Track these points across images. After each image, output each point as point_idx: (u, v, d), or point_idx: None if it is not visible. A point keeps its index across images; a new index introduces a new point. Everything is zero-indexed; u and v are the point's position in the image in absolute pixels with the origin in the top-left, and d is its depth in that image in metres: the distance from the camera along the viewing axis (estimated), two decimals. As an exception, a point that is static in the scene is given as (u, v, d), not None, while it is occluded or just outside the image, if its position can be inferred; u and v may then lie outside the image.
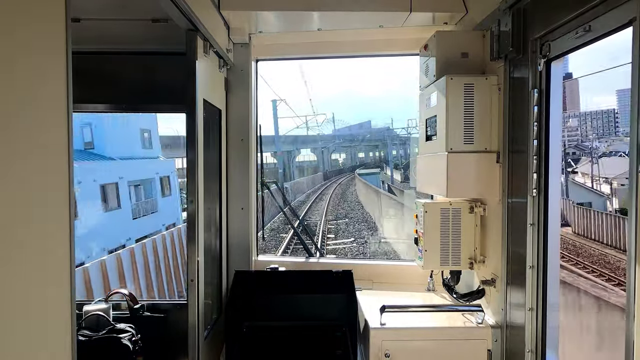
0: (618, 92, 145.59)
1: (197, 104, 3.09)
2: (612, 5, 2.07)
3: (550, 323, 2.74)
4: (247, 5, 3.62)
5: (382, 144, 74.10)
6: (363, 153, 79.98)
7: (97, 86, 4.14)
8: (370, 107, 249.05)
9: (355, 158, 76.21)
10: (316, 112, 57.42)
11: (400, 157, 41.08)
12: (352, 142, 74.69)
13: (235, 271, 3.87)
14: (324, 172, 62.96)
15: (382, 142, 74.10)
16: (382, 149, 75.05)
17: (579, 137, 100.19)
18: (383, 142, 72.76)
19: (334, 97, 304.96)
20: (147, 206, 28.25)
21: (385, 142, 68.96)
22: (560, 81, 2.72)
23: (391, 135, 65.81)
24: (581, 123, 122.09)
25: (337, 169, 71.57)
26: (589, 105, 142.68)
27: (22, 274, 1.35)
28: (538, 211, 2.75)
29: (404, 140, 43.84)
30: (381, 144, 74.99)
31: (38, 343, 1.43)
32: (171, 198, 31.02)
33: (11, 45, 1.30)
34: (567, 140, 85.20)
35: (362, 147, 77.46)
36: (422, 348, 3.18)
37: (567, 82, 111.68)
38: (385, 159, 66.44)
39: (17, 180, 1.33)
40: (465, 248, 3.44)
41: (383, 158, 70.94)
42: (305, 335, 3.51)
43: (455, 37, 3.48)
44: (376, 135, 74.94)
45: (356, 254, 18.42)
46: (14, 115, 1.32)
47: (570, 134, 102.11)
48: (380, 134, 72.74)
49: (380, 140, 73.62)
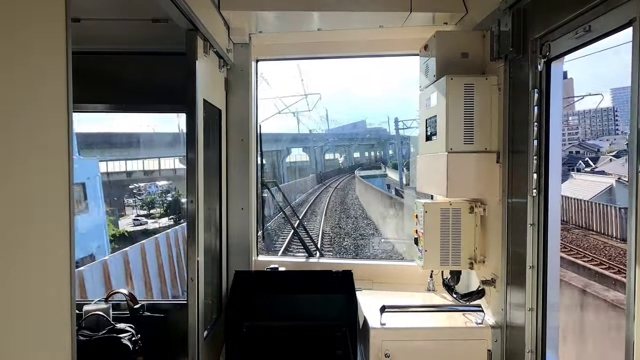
0: (613, 91, 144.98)
1: (197, 104, 3.09)
2: (612, 5, 2.07)
3: (550, 323, 2.74)
4: (247, 5, 3.62)
5: (379, 143, 72.45)
6: (358, 153, 77.43)
7: (97, 86, 4.14)
8: (368, 107, 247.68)
9: (350, 157, 73.15)
10: (307, 93, 49.43)
11: (400, 156, 39.08)
12: (348, 141, 71.77)
13: (235, 271, 3.87)
14: (317, 174, 56.09)
15: (378, 142, 72.50)
16: (378, 148, 73.54)
17: (579, 136, 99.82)
18: (380, 142, 71.30)
19: (332, 96, 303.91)
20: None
21: (383, 142, 67.17)
22: (561, 81, 2.72)
23: (388, 136, 63.34)
24: (580, 121, 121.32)
25: (333, 169, 66.83)
26: (586, 103, 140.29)
27: (22, 273, 1.35)
28: (538, 211, 2.75)
29: (405, 139, 41.55)
30: (377, 144, 73.27)
31: (38, 343, 1.43)
32: (90, 216, 20.41)
33: (11, 45, 1.30)
34: (568, 139, 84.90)
35: (357, 147, 74.88)
36: (422, 348, 3.18)
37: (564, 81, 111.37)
38: (383, 159, 65.02)
39: (17, 180, 1.33)
40: (465, 248, 3.44)
41: (379, 157, 68.91)
42: (305, 335, 3.51)
43: (455, 37, 3.48)
44: (374, 135, 73.19)
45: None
46: (14, 115, 1.32)
47: (570, 132, 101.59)
48: (381, 134, 71.16)
49: (377, 139, 71.94)
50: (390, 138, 60.26)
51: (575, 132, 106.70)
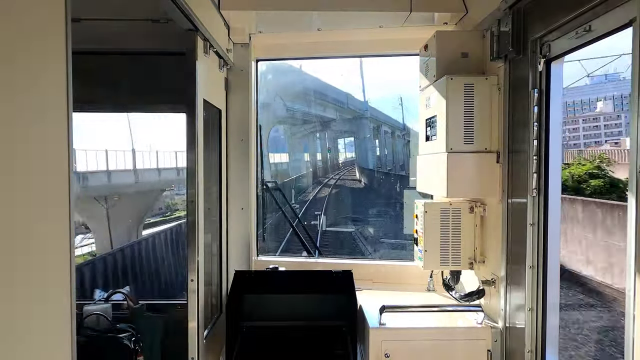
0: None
1: (197, 104, 3.09)
2: (612, 5, 2.07)
3: (550, 323, 2.75)
4: (247, 5, 3.62)
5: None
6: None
7: (97, 86, 4.14)
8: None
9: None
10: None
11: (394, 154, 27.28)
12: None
13: (235, 271, 3.87)
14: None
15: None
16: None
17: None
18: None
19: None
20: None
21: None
22: (561, 81, 2.72)
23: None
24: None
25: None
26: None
27: (22, 273, 1.35)
28: (538, 211, 2.75)
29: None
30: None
31: (38, 343, 1.43)
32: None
33: (11, 45, 1.30)
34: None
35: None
36: (422, 348, 3.18)
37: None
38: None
39: (18, 180, 1.33)
40: (465, 248, 3.44)
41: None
42: (305, 335, 3.51)
43: (455, 37, 3.48)
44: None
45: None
46: (14, 115, 1.32)
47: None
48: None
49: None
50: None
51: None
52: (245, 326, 3.50)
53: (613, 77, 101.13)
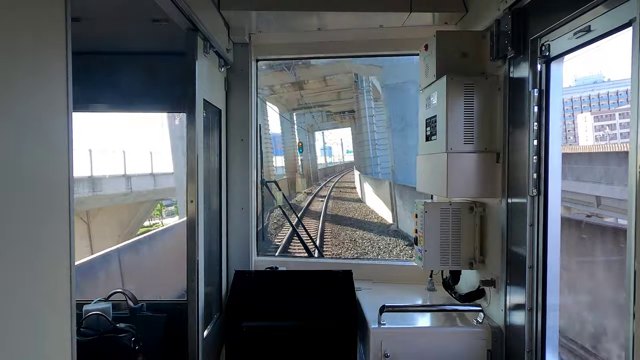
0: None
1: (197, 104, 3.09)
2: (612, 5, 2.07)
3: (550, 323, 2.75)
4: (247, 5, 3.62)
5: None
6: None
7: (97, 86, 4.14)
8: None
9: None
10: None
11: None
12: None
13: (235, 271, 3.87)
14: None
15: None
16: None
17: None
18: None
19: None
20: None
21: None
22: (561, 81, 2.72)
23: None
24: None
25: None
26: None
27: (22, 273, 1.35)
28: (538, 211, 2.75)
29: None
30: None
31: (38, 343, 1.43)
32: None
33: (11, 45, 1.30)
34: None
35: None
36: (422, 348, 3.18)
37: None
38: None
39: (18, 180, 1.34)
40: (465, 248, 3.44)
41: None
42: (305, 335, 3.51)
43: (455, 37, 3.48)
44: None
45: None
46: (14, 115, 1.32)
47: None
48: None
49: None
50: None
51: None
52: (245, 326, 3.51)
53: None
